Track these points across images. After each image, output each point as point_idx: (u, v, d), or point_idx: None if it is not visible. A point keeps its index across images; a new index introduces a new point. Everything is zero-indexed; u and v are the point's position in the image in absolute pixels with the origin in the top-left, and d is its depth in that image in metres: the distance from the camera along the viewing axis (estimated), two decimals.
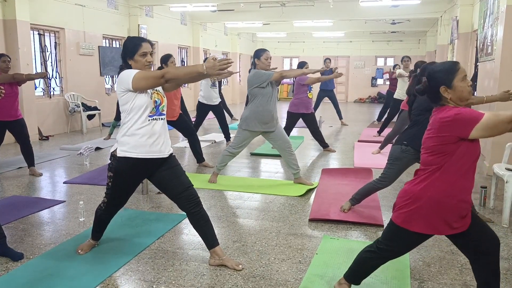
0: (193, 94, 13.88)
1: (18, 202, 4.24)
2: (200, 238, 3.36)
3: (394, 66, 12.11)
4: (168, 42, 12.75)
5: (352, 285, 2.48)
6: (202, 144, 7.42)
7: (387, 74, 13.97)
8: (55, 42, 8.78)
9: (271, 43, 20.35)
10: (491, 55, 6.53)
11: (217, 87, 7.36)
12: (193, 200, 2.87)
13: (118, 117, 7.80)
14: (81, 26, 9.24)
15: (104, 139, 7.93)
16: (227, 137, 7.58)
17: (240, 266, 2.85)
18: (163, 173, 2.86)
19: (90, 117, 9.21)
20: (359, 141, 7.87)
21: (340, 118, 10.42)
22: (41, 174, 5.38)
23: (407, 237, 2.23)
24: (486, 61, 7.11)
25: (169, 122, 5.44)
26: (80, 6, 9.08)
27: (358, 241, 3.37)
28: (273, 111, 4.71)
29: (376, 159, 6.35)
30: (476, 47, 8.12)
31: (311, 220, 3.77)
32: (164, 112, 2.82)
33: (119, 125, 8.10)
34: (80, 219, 3.76)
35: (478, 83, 7.87)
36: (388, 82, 12.18)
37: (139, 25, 10.85)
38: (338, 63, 19.81)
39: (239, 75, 17.68)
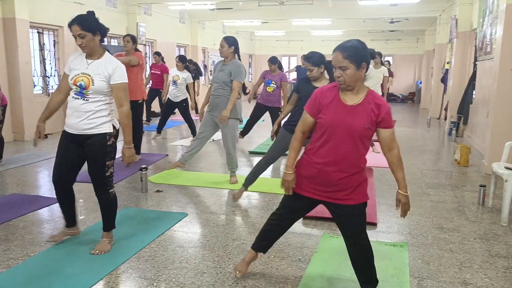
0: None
1: (17, 200, 4.23)
2: (200, 236, 3.38)
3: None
4: (167, 41, 12.73)
5: (258, 252, 2.71)
6: None
7: None
8: (54, 41, 8.74)
9: (269, 42, 20.36)
10: (490, 54, 6.55)
11: (177, 86, 7.80)
12: (96, 189, 3.08)
13: None
14: None
15: None
16: (193, 132, 7.90)
17: (97, 251, 3.03)
18: (85, 153, 3.02)
19: None
20: None
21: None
22: None
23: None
24: (485, 60, 7.13)
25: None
26: (79, 4, 9.05)
27: None
28: (219, 96, 4.69)
29: (376, 157, 6.36)
30: (475, 46, 8.14)
31: (305, 217, 3.76)
32: (88, 97, 2.90)
33: None
34: (80, 217, 3.75)
35: (477, 82, 7.89)
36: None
37: (137, 23, 10.83)
38: None
39: None
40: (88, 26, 2.88)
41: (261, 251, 2.72)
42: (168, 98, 8.01)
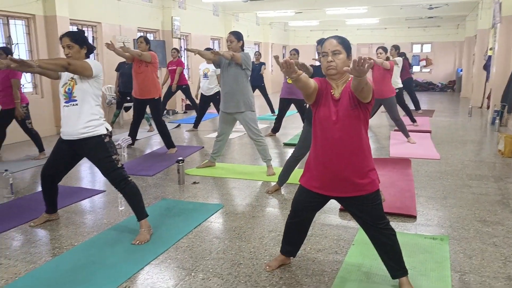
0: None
1: (61, 191, 4.33)
2: (236, 228, 3.42)
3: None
4: (201, 34, 12.84)
5: (287, 257, 2.76)
6: (236, 134, 7.49)
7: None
8: (93, 36, 9.00)
9: (303, 32, 20.13)
10: None
11: (208, 78, 7.90)
12: (113, 183, 3.23)
13: (119, 106, 8.45)
14: (117, 20, 9.43)
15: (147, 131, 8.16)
16: (195, 124, 8.30)
17: (137, 242, 3.11)
18: (88, 157, 3.27)
19: (126, 108, 9.40)
20: (395, 130, 7.69)
21: (272, 111, 10.09)
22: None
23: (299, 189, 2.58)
24: None
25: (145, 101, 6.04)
26: (116, 0, 9.27)
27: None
28: (227, 92, 4.80)
29: (412, 148, 6.21)
30: None
31: (342, 210, 3.72)
32: (76, 98, 3.11)
33: (149, 116, 8.29)
34: (120, 208, 3.87)
35: None
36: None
37: (172, 17, 10.97)
38: (373, 50, 19.39)
39: (271, 65, 17.59)
40: (76, 39, 3.13)
41: (290, 256, 2.76)
42: (201, 93, 8.10)
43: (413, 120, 8.29)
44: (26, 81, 7.49)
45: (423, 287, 2.49)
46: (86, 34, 3.33)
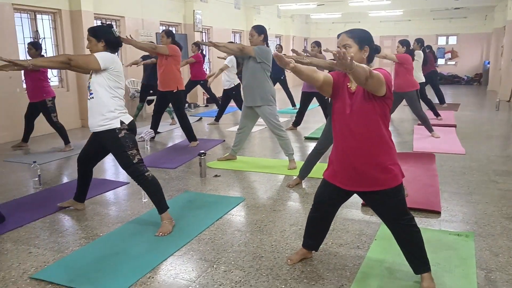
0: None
1: None
2: (257, 221, 3.43)
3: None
4: (222, 27, 12.84)
5: (310, 250, 2.77)
6: (256, 128, 7.48)
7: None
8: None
9: (325, 25, 19.91)
10: None
11: (225, 72, 7.93)
12: (132, 177, 3.27)
13: (142, 99, 8.25)
14: (140, 14, 9.52)
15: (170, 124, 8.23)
16: (217, 118, 8.32)
17: (160, 233, 3.15)
18: (109, 150, 3.34)
19: (149, 102, 9.51)
20: (418, 124, 7.56)
21: (293, 105, 9.99)
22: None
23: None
24: None
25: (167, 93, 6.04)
26: None
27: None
28: (245, 86, 4.87)
29: (436, 143, 6.10)
30: None
31: (364, 204, 3.68)
32: (92, 92, 3.18)
33: (172, 110, 8.32)
34: (143, 200, 3.93)
35: None
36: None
37: (194, 10, 11.00)
38: (396, 43, 19.02)
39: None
40: (94, 33, 3.17)
41: (312, 250, 2.76)
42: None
43: (437, 114, 8.14)
44: (52, 75, 7.65)
45: (447, 284, 2.46)
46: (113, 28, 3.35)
